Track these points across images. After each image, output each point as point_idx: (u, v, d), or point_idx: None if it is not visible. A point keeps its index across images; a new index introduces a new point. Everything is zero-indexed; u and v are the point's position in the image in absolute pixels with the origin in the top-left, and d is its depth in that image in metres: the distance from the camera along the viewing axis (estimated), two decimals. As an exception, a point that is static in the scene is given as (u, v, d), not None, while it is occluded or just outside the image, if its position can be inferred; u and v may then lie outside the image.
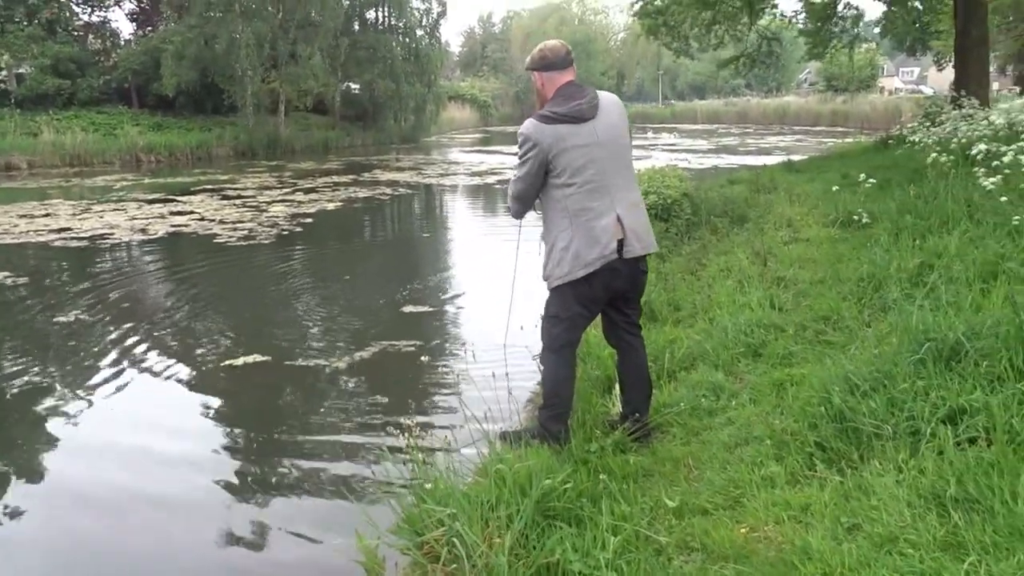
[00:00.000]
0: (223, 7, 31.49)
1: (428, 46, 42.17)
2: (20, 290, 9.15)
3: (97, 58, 34.24)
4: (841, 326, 4.56)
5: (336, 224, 14.56)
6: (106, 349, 6.81)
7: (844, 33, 18.39)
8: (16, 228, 13.65)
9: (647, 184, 8.55)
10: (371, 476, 4.19)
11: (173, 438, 5.02)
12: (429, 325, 7.44)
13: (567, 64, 3.63)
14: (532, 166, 3.52)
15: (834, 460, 3.00)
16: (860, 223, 7.08)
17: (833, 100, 52.38)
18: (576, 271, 3.49)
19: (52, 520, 4.07)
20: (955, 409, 2.89)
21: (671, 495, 3.12)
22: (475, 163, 27.74)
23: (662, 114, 68.22)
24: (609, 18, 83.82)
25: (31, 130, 28.60)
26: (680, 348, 4.80)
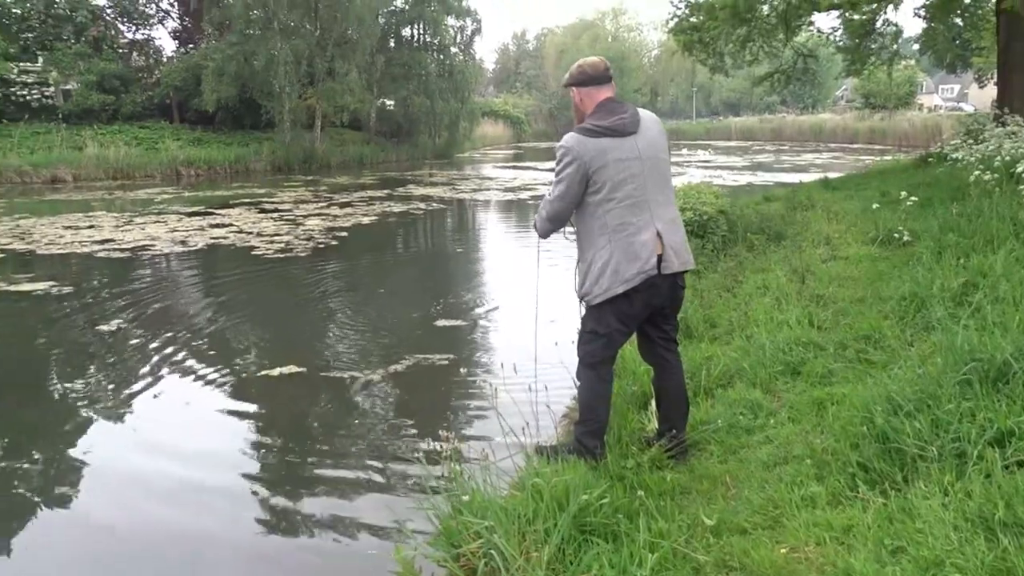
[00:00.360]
0: (263, 25, 32.12)
1: (462, 63, 42.55)
2: (64, 299, 9.35)
3: (140, 75, 35.08)
4: (883, 345, 4.49)
5: (370, 238, 14.69)
6: (146, 358, 6.93)
7: (883, 50, 18.20)
8: (61, 239, 13.97)
9: (683, 200, 8.51)
10: (408, 487, 4.21)
11: (208, 447, 5.10)
12: (463, 339, 7.46)
13: (606, 80, 3.63)
14: (572, 182, 3.48)
15: (877, 481, 2.95)
16: (901, 241, 6.99)
17: (871, 117, 51.73)
18: (616, 287, 3.46)
19: (84, 529, 4.13)
20: (1003, 431, 2.84)
21: (709, 513, 3.08)
22: (508, 179, 27.85)
23: (696, 131, 68.01)
24: (643, 35, 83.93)
25: (76, 144, 29.36)
26: (717, 365, 4.76)
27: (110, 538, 4.02)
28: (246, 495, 4.37)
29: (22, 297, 9.47)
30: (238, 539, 3.95)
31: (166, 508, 4.27)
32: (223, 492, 4.43)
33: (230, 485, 4.50)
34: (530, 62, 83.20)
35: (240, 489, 4.44)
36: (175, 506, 4.29)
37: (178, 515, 4.19)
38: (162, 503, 4.32)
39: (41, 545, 4.01)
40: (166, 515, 4.21)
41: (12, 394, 6.20)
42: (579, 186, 3.49)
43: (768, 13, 16.85)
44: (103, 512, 4.28)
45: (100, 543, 3.98)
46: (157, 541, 3.96)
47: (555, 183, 3.57)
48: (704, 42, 17.18)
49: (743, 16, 15.62)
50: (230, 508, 4.26)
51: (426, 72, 39.56)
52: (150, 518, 4.18)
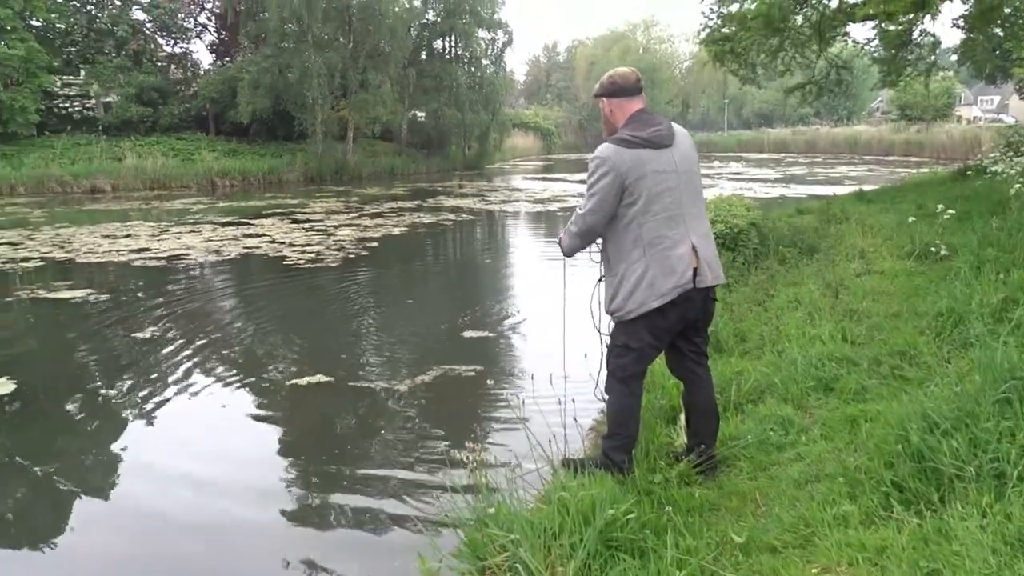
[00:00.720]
0: (297, 38, 32.59)
1: (493, 75, 42.83)
2: (101, 307, 9.51)
3: (178, 87, 35.78)
4: (918, 362, 4.40)
5: (400, 248, 14.77)
6: (178, 365, 7.01)
7: (920, 61, 17.91)
8: (100, 248, 14.24)
9: (714, 213, 8.45)
10: (433, 498, 4.20)
11: (237, 455, 5.14)
12: (491, 350, 7.45)
13: (637, 91, 3.60)
14: (607, 194, 3.41)
15: (912, 501, 2.87)
16: (938, 256, 6.86)
17: (907, 129, 51.05)
18: (651, 301, 3.41)
19: (114, 532, 4.18)
20: (1044, 452, 2.75)
21: (738, 530, 3.03)
22: (538, 190, 27.88)
23: (727, 143, 67.58)
24: (674, 47, 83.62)
25: (115, 155, 30.02)
26: (747, 380, 4.69)
27: (141, 540, 4.05)
28: (272, 503, 4.39)
29: (61, 304, 9.65)
30: (264, 546, 3.96)
31: (194, 512, 4.31)
32: (250, 500, 4.45)
33: (257, 493, 4.52)
34: (560, 74, 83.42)
35: (266, 497, 4.46)
36: (203, 511, 4.33)
37: (205, 520, 4.23)
38: (190, 508, 4.36)
39: (75, 544, 4.06)
40: (194, 519, 4.24)
41: (49, 399, 6.30)
42: (614, 198, 3.42)
43: (802, 23, 16.70)
44: (134, 515, 4.33)
45: (132, 545, 4.02)
46: (186, 544, 3.99)
47: (588, 196, 3.49)
48: (736, 52, 17.04)
49: (776, 26, 15.47)
50: (256, 515, 4.28)
51: (457, 84, 39.84)
52: (179, 522, 4.22)
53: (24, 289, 10.59)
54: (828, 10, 15.69)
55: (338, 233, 16.03)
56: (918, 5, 12.29)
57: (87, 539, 4.14)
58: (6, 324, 8.97)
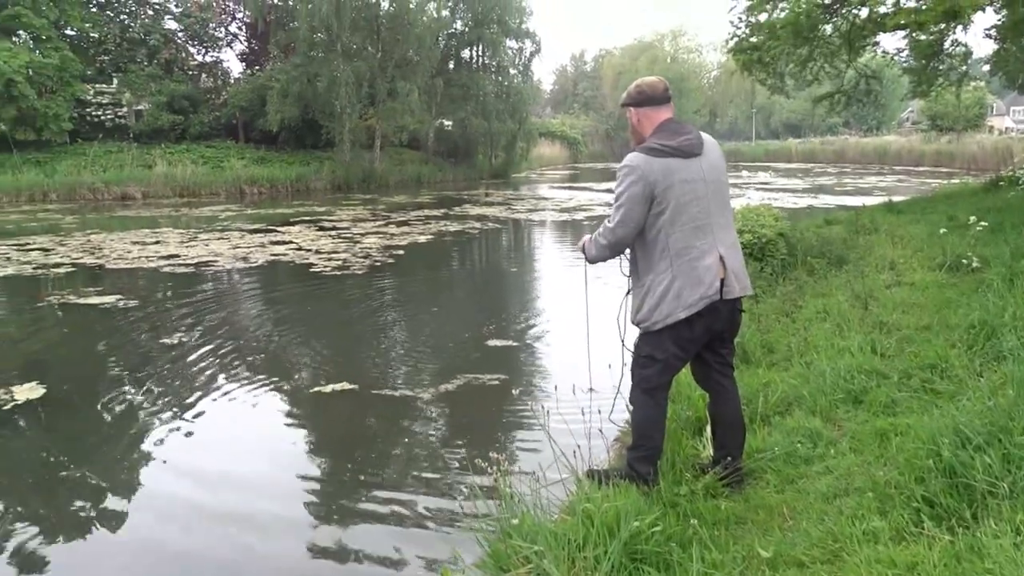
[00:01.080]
0: (326, 47, 32.92)
1: (520, 84, 42.91)
2: (130, 312, 9.64)
3: (208, 96, 36.30)
4: (950, 375, 4.32)
5: (426, 256, 14.83)
6: (204, 370, 7.08)
7: (951, 71, 17.70)
8: (129, 254, 14.44)
9: (741, 223, 8.39)
10: (456, 508, 4.19)
11: (260, 462, 5.17)
12: (515, 359, 7.44)
13: (665, 100, 3.57)
14: (635, 202, 3.37)
15: (943, 517, 2.82)
16: (969, 267, 6.76)
17: (937, 140, 50.41)
18: (678, 312, 3.38)
19: (139, 536, 4.21)
20: (1080, 468, 2.69)
21: (765, 545, 2.99)
22: (564, 199, 27.87)
23: (755, 152, 67.13)
24: (702, 56, 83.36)
25: (146, 163, 30.48)
26: (775, 392, 4.64)
27: (166, 543, 4.08)
28: (295, 510, 4.41)
29: (90, 310, 9.79)
30: (286, 554, 3.98)
31: (218, 517, 4.35)
32: (272, 507, 4.48)
33: (280, 500, 4.55)
34: (588, 83, 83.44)
35: (289, 504, 4.49)
36: (226, 517, 4.36)
37: (229, 526, 4.26)
38: (214, 512, 4.40)
39: (103, 546, 4.11)
40: (218, 524, 4.28)
41: (78, 403, 6.38)
42: (643, 207, 3.39)
43: (831, 33, 16.57)
44: (157, 518, 4.36)
45: (158, 547, 4.05)
46: (209, 548, 4.02)
47: (617, 206, 3.45)
48: (764, 62, 16.95)
49: (805, 36, 15.38)
50: (279, 523, 4.30)
51: (484, 93, 40.01)
52: (202, 526, 4.25)
53: (55, 294, 10.76)
54: (858, 20, 15.56)
55: (364, 241, 16.13)
56: (950, 15, 12.12)
57: (114, 541, 4.17)
58: (36, 329, 9.11)
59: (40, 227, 19.39)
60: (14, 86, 27.12)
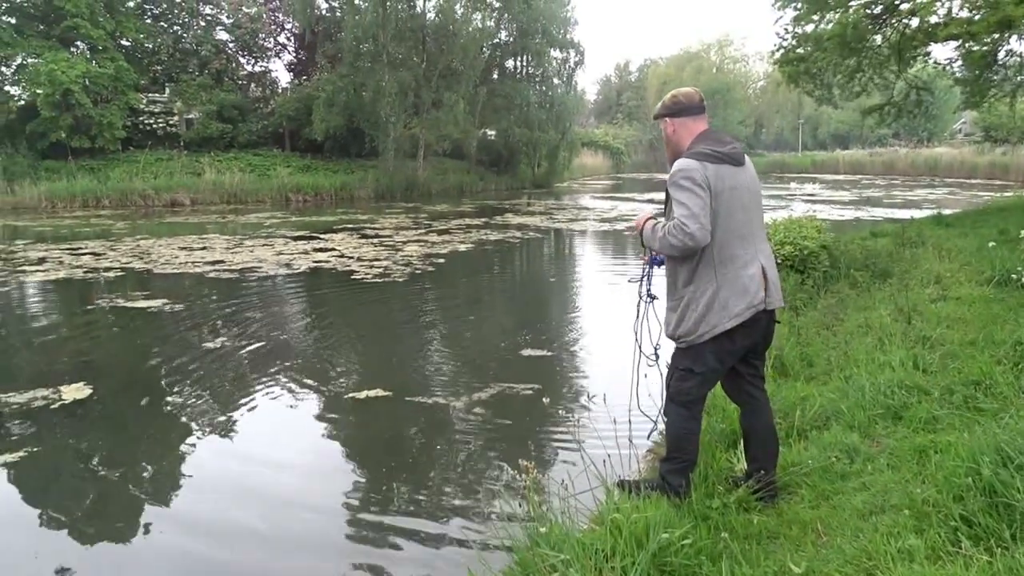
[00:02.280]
0: (372, 57, 33.35)
1: (564, 94, 42.90)
2: (175, 316, 9.86)
3: (257, 105, 37.05)
4: (994, 392, 4.22)
5: (466, 265, 14.90)
6: (245, 375, 7.22)
7: (1005, 81, 17.29)
8: (176, 259, 14.77)
9: (783, 234, 8.28)
10: (486, 516, 4.20)
11: (294, 467, 5.24)
12: (549, 369, 7.43)
13: (701, 110, 3.56)
14: (706, 205, 3.25)
15: (982, 537, 2.75)
16: (1019, 283, 6.58)
17: (991, 151, 49.11)
18: (724, 323, 3.33)
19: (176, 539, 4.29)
20: (1125, 491, 2.60)
21: (797, 561, 2.94)
22: (606, 209, 27.78)
23: (801, 163, 66.17)
24: (748, 66, 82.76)
25: (195, 170, 31.20)
26: (812, 406, 4.57)
27: (203, 545, 4.16)
28: (327, 515, 4.46)
29: (138, 313, 10.03)
30: (318, 557, 4.02)
31: (253, 521, 4.41)
32: (305, 511, 4.53)
33: (313, 505, 4.60)
34: (631, 93, 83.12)
35: (321, 509, 4.53)
36: (261, 520, 4.42)
37: (263, 530, 4.32)
38: (249, 516, 4.47)
39: (142, 547, 4.20)
40: (252, 528, 4.34)
41: (123, 404, 6.55)
42: (711, 209, 3.26)
43: (880, 43, 16.32)
44: (194, 521, 4.45)
45: (194, 549, 4.13)
46: (244, 552, 4.09)
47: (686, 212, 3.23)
48: (811, 73, 16.76)
49: (852, 46, 15.16)
50: (311, 527, 4.35)
51: (527, 103, 40.10)
52: (238, 529, 4.32)
53: (104, 298, 11.06)
54: (908, 30, 15.30)
55: (406, 249, 16.27)
56: (1004, 25, 11.87)
57: (152, 542, 4.26)
58: (85, 331, 9.37)
59: (92, 232, 19.94)
60: (71, 95, 28.03)
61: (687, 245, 3.27)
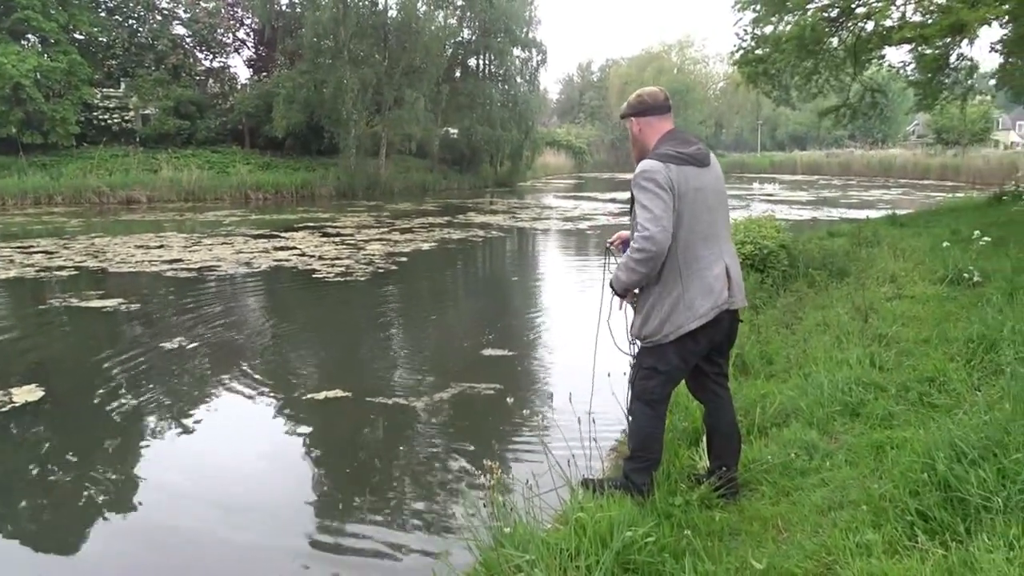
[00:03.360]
0: (333, 54, 33.04)
1: (526, 93, 42.99)
2: (131, 316, 9.66)
3: (215, 101, 36.42)
4: (947, 389, 4.31)
5: (429, 264, 14.84)
6: (202, 376, 7.11)
7: (956, 85, 17.70)
8: (132, 258, 14.48)
9: (743, 234, 8.38)
10: (449, 516, 4.18)
11: (251, 470, 5.16)
12: (513, 368, 7.43)
13: (666, 109, 3.57)
14: (667, 208, 3.26)
15: (937, 531, 2.80)
16: (971, 281, 6.74)
17: (943, 153, 50.36)
18: (689, 323, 3.35)
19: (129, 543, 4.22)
20: (1075, 484, 2.68)
21: (758, 556, 2.97)
22: (568, 208, 27.88)
23: (760, 164, 67.15)
24: (708, 67, 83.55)
25: (152, 167, 30.60)
26: (772, 403, 4.63)
27: (156, 551, 4.09)
28: (287, 518, 4.40)
29: (92, 313, 9.81)
30: (277, 561, 3.97)
31: (209, 525, 4.34)
32: (264, 514, 4.47)
33: (271, 508, 4.55)
34: (594, 92, 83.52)
35: (280, 512, 4.48)
36: (217, 525, 4.36)
37: (219, 534, 4.26)
38: (205, 521, 4.40)
39: (91, 553, 4.11)
40: (208, 532, 4.27)
41: (75, 406, 6.39)
42: (673, 210, 3.27)
43: (836, 46, 16.59)
44: (151, 526, 4.37)
45: (146, 556, 4.05)
46: (199, 557, 4.02)
47: (646, 215, 3.25)
48: (769, 74, 16.97)
49: (809, 48, 15.40)
50: (270, 530, 4.29)
51: (490, 102, 40.10)
52: (193, 535, 4.25)
53: (57, 297, 10.80)
54: (864, 33, 15.58)
55: (368, 247, 16.16)
56: (956, 29, 12.14)
57: (103, 549, 4.17)
58: (38, 332, 9.13)
59: (44, 230, 19.46)
60: (22, 89, 27.29)
61: (650, 251, 3.27)
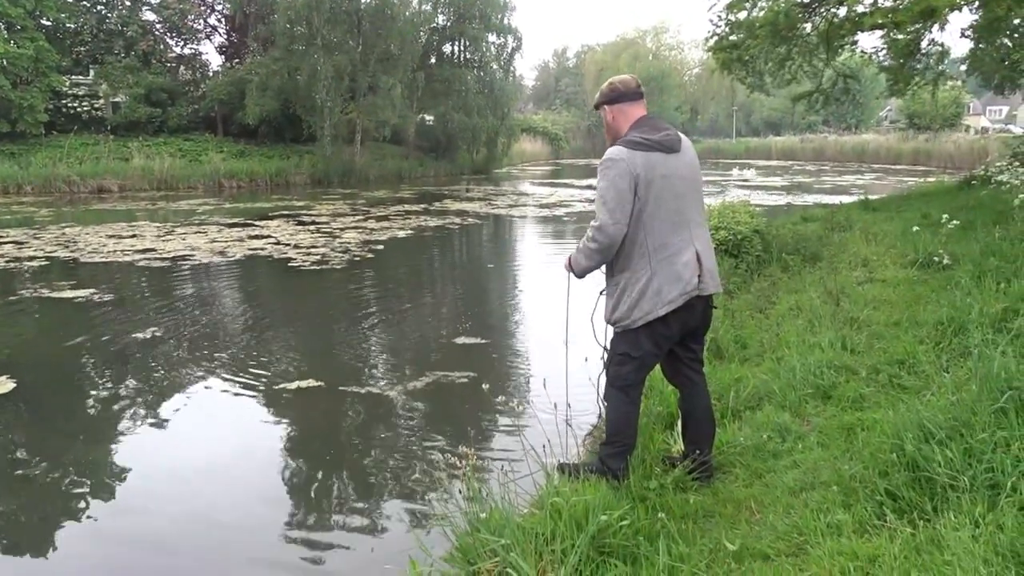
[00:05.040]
0: (306, 41, 32.69)
1: (502, 79, 42.86)
2: (104, 307, 9.54)
3: (187, 88, 35.92)
4: (917, 371, 4.38)
5: (405, 252, 14.79)
6: (175, 367, 7.04)
7: (927, 70, 17.87)
8: (104, 248, 14.29)
9: (717, 219, 8.44)
10: (425, 502, 4.19)
11: (225, 461, 5.14)
12: (489, 355, 7.44)
13: (638, 96, 3.59)
14: (624, 197, 3.31)
15: (905, 510, 2.86)
16: (940, 265, 6.84)
17: (915, 138, 50.90)
18: (658, 309, 3.37)
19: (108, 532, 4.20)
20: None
21: (731, 538, 3.01)
22: (545, 195, 27.88)
23: (735, 149, 67.50)
24: (684, 53, 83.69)
25: (123, 155, 30.16)
26: (746, 387, 4.68)
27: (132, 543, 4.06)
28: (262, 507, 4.40)
29: (63, 304, 9.68)
30: (253, 551, 3.97)
31: (185, 515, 4.33)
32: (239, 504, 4.48)
33: (247, 497, 4.54)
34: (570, 79, 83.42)
35: (256, 501, 4.47)
36: (194, 514, 4.35)
37: (196, 523, 4.25)
38: (181, 511, 4.38)
39: (68, 546, 4.08)
40: (185, 522, 4.26)
41: (48, 399, 6.32)
42: (631, 201, 3.32)
43: (809, 32, 16.68)
44: (126, 514, 4.35)
45: (123, 547, 4.03)
46: (177, 547, 4.00)
47: (603, 203, 3.36)
48: (743, 60, 17.03)
49: (783, 34, 15.46)
50: (246, 519, 4.29)
51: (466, 88, 39.92)
52: (170, 525, 4.23)
53: (28, 288, 10.64)
54: (836, 19, 15.67)
55: (344, 235, 16.06)
56: (926, 14, 12.24)
57: (79, 541, 4.14)
58: (8, 323, 9.00)
59: (14, 220, 19.13)
60: (-12, 76, 26.76)
61: (601, 242, 3.38)
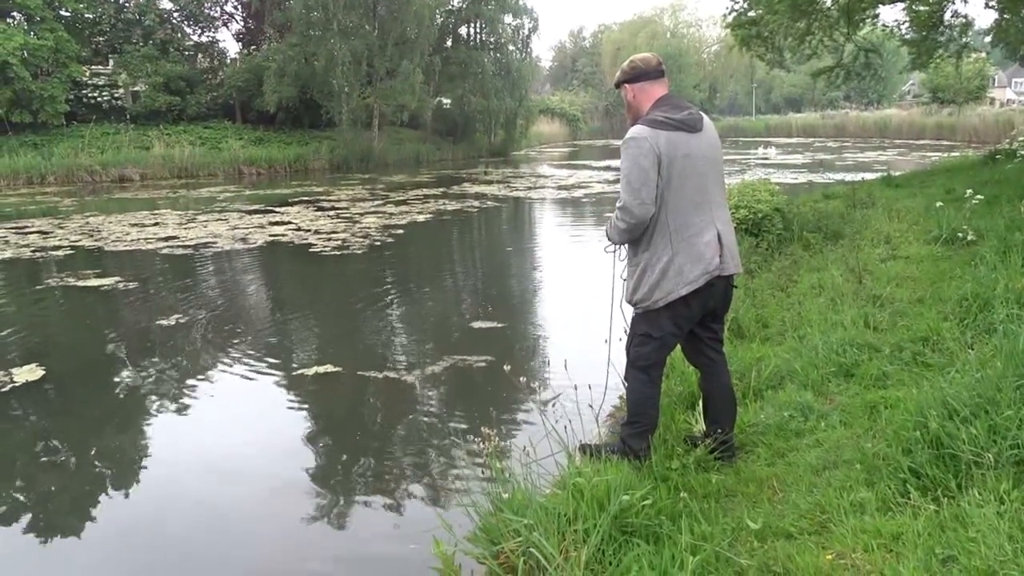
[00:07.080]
0: (322, 26, 32.66)
1: (519, 61, 42.62)
2: (128, 295, 9.66)
3: (205, 76, 36.05)
4: (941, 348, 4.35)
5: (424, 236, 14.82)
6: (200, 352, 7.13)
7: (951, 42, 17.55)
8: (128, 236, 14.44)
9: (737, 198, 8.37)
10: (448, 483, 4.23)
11: (250, 445, 5.19)
12: (510, 338, 7.45)
13: (660, 75, 3.56)
14: (649, 176, 3.30)
15: (929, 488, 2.84)
16: (964, 240, 6.76)
17: (938, 112, 50.15)
18: (679, 289, 3.36)
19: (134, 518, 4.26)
20: (1064, 439, 2.71)
21: (754, 517, 3.02)
22: (563, 177, 27.77)
23: (755, 127, 66.82)
24: (702, 31, 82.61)
25: (143, 144, 30.39)
26: (767, 366, 4.67)
27: (159, 526, 4.13)
28: (287, 490, 4.45)
29: (89, 292, 9.82)
30: (279, 531, 4.03)
31: (211, 498, 4.40)
32: (264, 487, 4.52)
33: (271, 481, 4.59)
34: (587, 59, 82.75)
35: (280, 484, 4.52)
36: (219, 497, 4.42)
37: (222, 506, 4.32)
38: (206, 494, 4.45)
39: (95, 528, 4.16)
40: (210, 505, 4.33)
41: (76, 385, 6.43)
42: (655, 180, 3.30)
43: (830, 6, 16.44)
44: (151, 500, 4.42)
45: (149, 530, 4.09)
46: (201, 530, 4.08)
47: (628, 183, 3.36)
48: (762, 36, 16.83)
49: (802, 9, 15.25)
50: (271, 502, 4.34)
51: (483, 71, 39.78)
52: (195, 508, 4.30)
53: (54, 277, 10.79)
54: (857, -8, 15.42)
55: (363, 220, 16.12)
56: (949, -15, 12.03)
57: (106, 526, 4.21)
58: (36, 312, 9.15)
59: (38, 210, 19.37)
60: (9, 68, 27.01)
61: (628, 223, 3.39)
